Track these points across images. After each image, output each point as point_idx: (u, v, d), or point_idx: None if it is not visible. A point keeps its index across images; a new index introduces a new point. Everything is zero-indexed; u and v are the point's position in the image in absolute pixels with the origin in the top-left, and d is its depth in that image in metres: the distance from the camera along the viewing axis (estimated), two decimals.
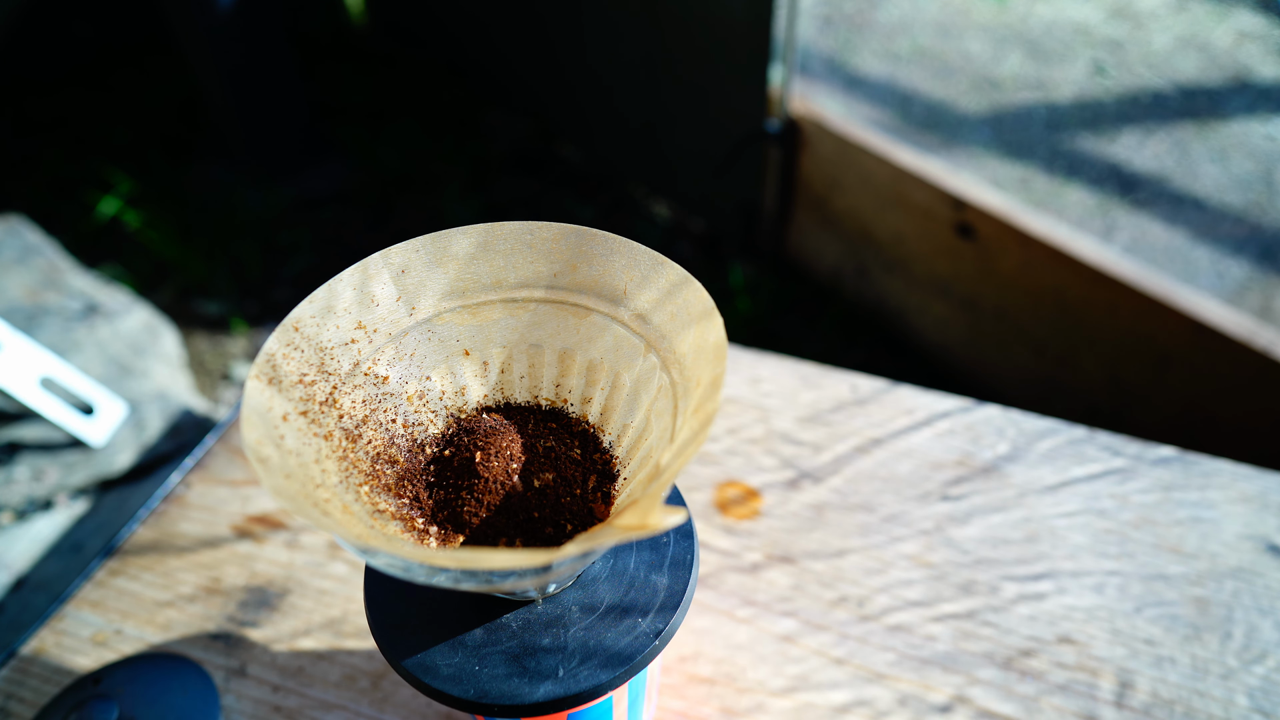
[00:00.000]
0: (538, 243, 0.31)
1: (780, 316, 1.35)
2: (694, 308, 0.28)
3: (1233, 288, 0.99)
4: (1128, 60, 1.16)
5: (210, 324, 1.39)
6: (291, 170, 1.65)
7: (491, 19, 1.67)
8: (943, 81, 1.27)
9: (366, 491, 0.28)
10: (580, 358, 0.31)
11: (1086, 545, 0.48)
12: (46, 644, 0.45)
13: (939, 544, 0.48)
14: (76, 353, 0.83)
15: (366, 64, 1.94)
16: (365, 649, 0.45)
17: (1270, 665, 0.43)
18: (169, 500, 0.52)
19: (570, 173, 1.67)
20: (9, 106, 1.80)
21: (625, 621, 0.29)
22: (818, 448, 0.53)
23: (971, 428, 0.54)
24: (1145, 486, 0.51)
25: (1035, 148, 1.18)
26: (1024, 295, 1.07)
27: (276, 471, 0.24)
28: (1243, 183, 1.04)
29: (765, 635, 0.45)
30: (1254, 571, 0.47)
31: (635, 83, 1.41)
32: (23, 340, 0.70)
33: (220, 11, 1.44)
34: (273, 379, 0.27)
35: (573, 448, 0.30)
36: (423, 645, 0.28)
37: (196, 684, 0.42)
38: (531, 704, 0.27)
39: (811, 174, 1.26)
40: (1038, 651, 0.44)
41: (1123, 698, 0.42)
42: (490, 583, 0.24)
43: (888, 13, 1.37)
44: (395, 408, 0.30)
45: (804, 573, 0.47)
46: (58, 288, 0.91)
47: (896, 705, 0.42)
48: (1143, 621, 0.45)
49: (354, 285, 0.30)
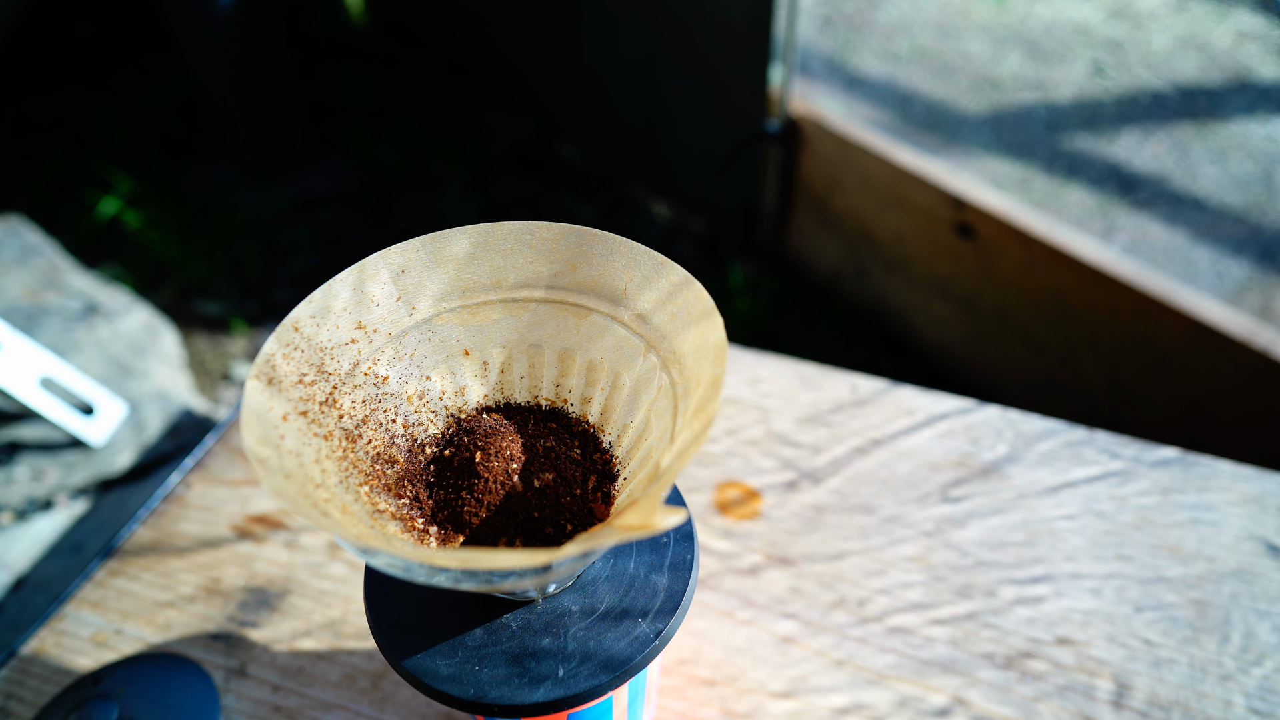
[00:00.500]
0: (537, 243, 0.31)
1: (780, 316, 1.35)
2: (694, 308, 0.28)
3: (1233, 288, 0.99)
4: (1127, 60, 1.16)
5: (210, 324, 1.39)
6: (291, 170, 1.65)
7: (492, 19, 1.67)
8: (943, 81, 1.27)
9: (366, 492, 0.28)
10: (580, 358, 0.31)
11: (1085, 547, 0.48)
12: (46, 644, 0.45)
13: (938, 546, 0.48)
14: (76, 353, 0.83)
15: (366, 64, 1.94)
16: (365, 649, 0.45)
17: (1268, 667, 0.43)
18: (169, 500, 0.52)
19: (570, 173, 1.67)
20: (9, 106, 1.80)
21: (625, 622, 0.29)
22: (817, 449, 0.53)
23: (971, 429, 0.54)
24: (1144, 488, 0.51)
25: (1035, 148, 1.18)
26: (1024, 295, 1.07)
27: (276, 472, 0.24)
28: (1243, 183, 1.04)
29: (765, 636, 0.45)
30: (1253, 573, 0.47)
31: (635, 82, 1.41)
32: (23, 340, 0.70)
33: (220, 11, 1.43)
34: (272, 379, 0.27)
35: (573, 448, 0.30)
36: (423, 645, 0.28)
37: (196, 684, 0.42)
38: (531, 704, 0.27)
39: (811, 174, 1.26)
40: (1037, 653, 0.44)
41: (1121, 699, 0.42)
42: (490, 583, 0.24)
43: (888, 13, 1.37)
44: (395, 408, 0.30)
45: (803, 574, 0.47)
46: (58, 288, 0.91)
47: (896, 707, 0.42)
48: (1141, 623, 0.45)
49: (353, 285, 0.30)
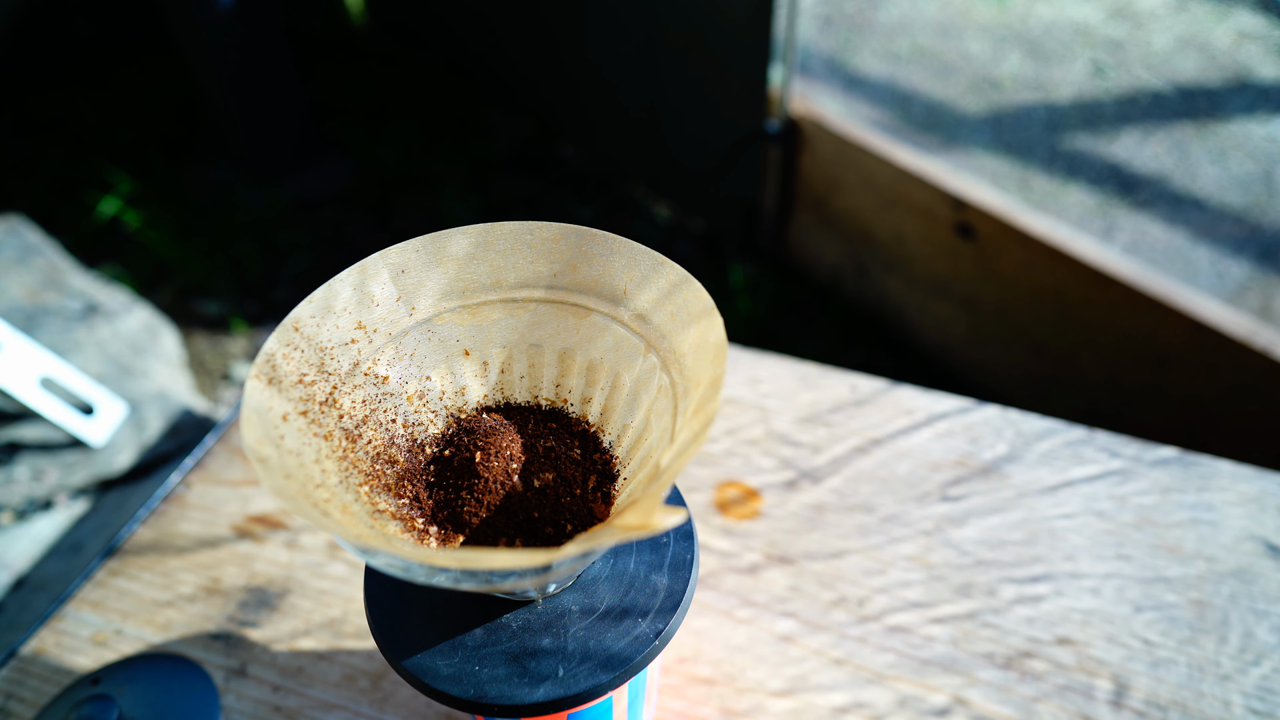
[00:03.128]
0: (537, 242, 0.31)
1: (780, 316, 1.35)
2: (694, 307, 0.28)
3: (1233, 288, 0.99)
4: (1128, 60, 1.16)
5: (210, 324, 1.39)
6: (291, 171, 1.65)
7: (492, 19, 1.67)
8: (943, 81, 1.27)
9: (366, 491, 0.28)
10: (580, 358, 0.31)
11: (1085, 547, 0.48)
12: (46, 644, 0.45)
13: (938, 545, 0.48)
14: (76, 353, 0.83)
15: (366, 64, 1.94)
16: (365, 649, 0.45)
17: (1267, 668, 0.43)
18: (169, 500, 0.52)
19: (570, 173, 1.67)
20: (9, 106, 1.80)
21: (625, 622, 0.29)
22: (817, 448, 0.53)
23: (971, 428, 0.54)
24: (1144, 488, 0.51)
25: (1035, 148, 1.18)
26: (1024, 295, 1.07)
27: (276, 471, 0.24)
28: (1243, 183, 1.04)
29: (764, 636, 0.45)
30: (1252, 573, 0.47)
31: (636, 82, 1.41)
32: (23, 340, 0.70)
33: (220, 12, 1.43)
34: (272, 379, 0.27)
35: (573, 448, 0.30)
36: (423, 645, 0.28)
37: (196, 684, 0.42)
38: (531, 704, 0.27)
39: (811, 174, 1.26)
40: (1036, 653, 0.44)
41: (1120, 699, 0.42)
42: (490, 583, 0.24)
43: (888, 13, 1.37)
44: (395, 408, 0.30)
45: (803, 573, 0.47)
46: (58, 288, 0.91)
47: (895, 706, 0.42)
48: (1141, 623, 0.45)
49: (353, 285, 0.30)
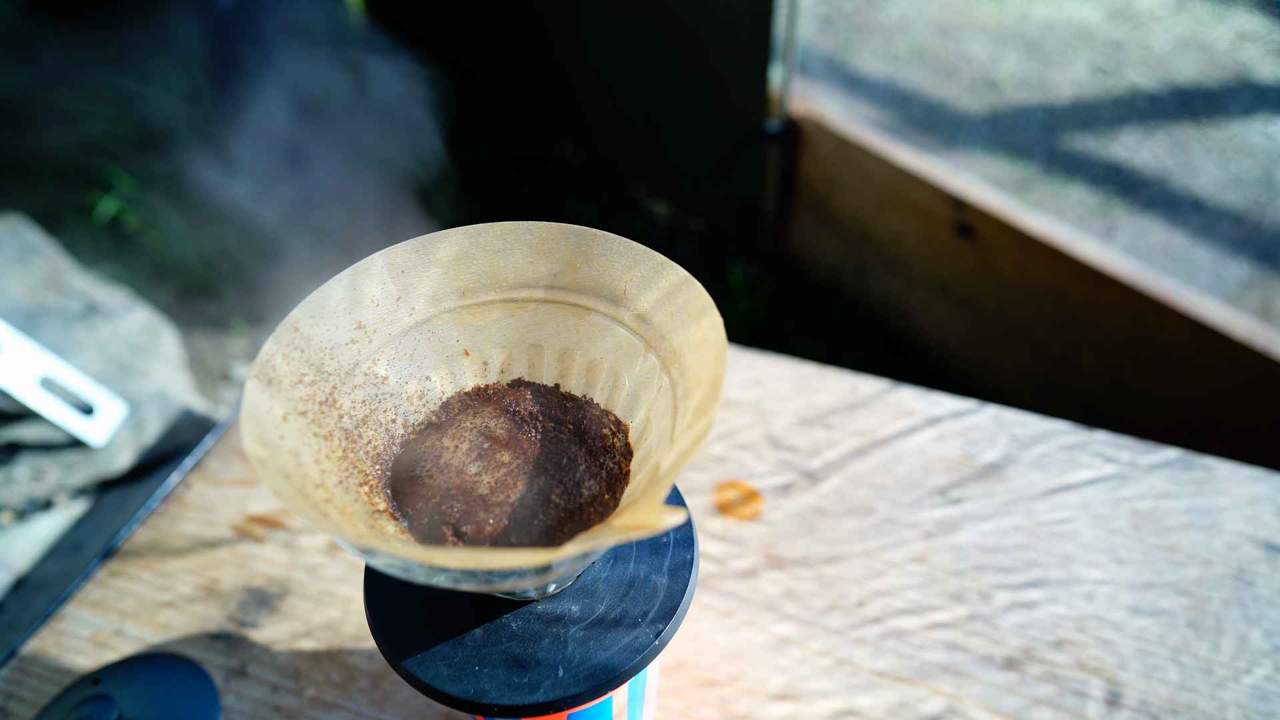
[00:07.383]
0: (537, 242, 0.31)
1: (780, 316, 1.34)
2: (694, 308, 0.28)
3: (1233, 288, 0.99)
4: (1128, 61, 1.16)
5: (210, 324, 1.39)
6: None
7: (491, 19, 1.67)
8: (942, 82, 1.27)
9: (366, 492, 0.28)
10: (580, 358, 0.31)
11: (1082, 550, 0.48)
12: (46, 644, 0.45)
13: (936, 547, 0.48)
14: (76, 353, 0.83)
15: None
16: (365, 649, 0.45)
17: (1261, 672, 0.43)
18: (168, 500, 0.52)
19: (570, 173, 1.67)
20: (8, 106, 1.80)
21: (624, 623, 0.29)
22: (816, 449, 0.53)
23: (969, 430, 0.54)
24: (1142, 490, 0.51)
25: (1035, 148, 1.18)
26: (1024, 295, 1.07)
27: (275, 472, 0.24)
28: (1243, 183, 1.04)
29: (763, 638, 0.45)
30: (1250, 576, 0.47)
31: (635, 82, 1.41)
32: (23, 340, 0.70)
33: (220, 11, 1.43)
34: (272, 379, 0.27)
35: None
36: (423, 645, 0.28)
37: (196, 684, 0.42)
38: (531, 704, 0.27)
39: (811, 174, 1.26)
40: (1033, 656, 0.44)
41: (1116, 702, 0.42)
42: (490, 583, 0.24)
43: (888, 13, 1.37)
44: (395, 408, 0.30)
45: (801, 576, 0.47)
46: (58, 288, 0.91)
47: (893, 708, 0.42)
48: (1137, 627, 0.45)
49: (352, 285, 0.30)
